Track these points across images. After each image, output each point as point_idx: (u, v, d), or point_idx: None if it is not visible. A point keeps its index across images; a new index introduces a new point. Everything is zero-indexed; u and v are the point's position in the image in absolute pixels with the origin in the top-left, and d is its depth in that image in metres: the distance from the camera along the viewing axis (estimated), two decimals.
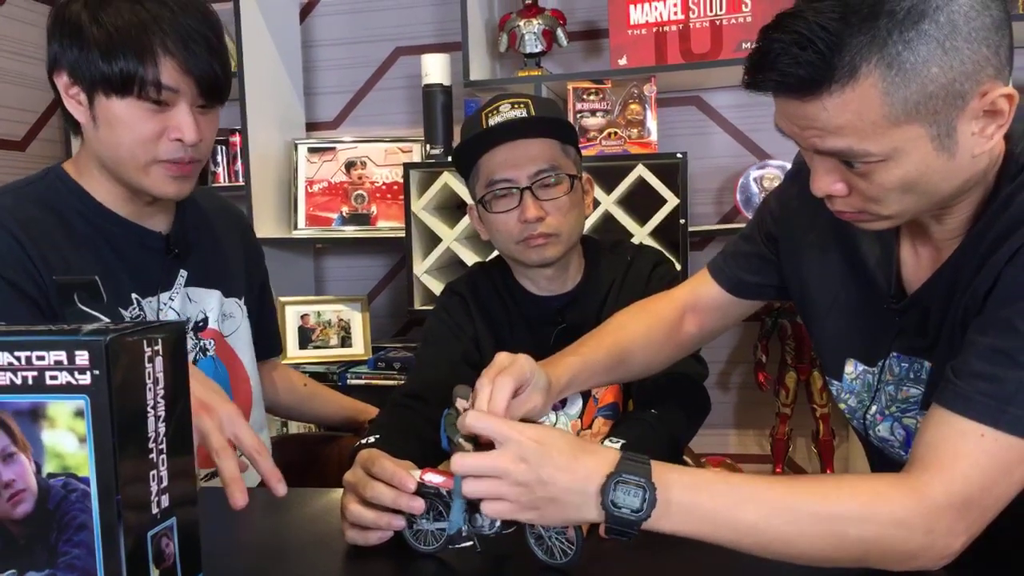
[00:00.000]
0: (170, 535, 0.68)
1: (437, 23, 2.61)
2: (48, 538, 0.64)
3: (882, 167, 0.77)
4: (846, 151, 0.77)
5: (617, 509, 0.74)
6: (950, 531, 0.75)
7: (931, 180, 0.79)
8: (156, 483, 0.67)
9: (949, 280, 0.89)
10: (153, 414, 0.66)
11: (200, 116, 1.14)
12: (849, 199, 0.83)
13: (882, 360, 0.98)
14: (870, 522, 0.74)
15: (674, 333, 1.16)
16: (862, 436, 1.06)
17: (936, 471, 0.75)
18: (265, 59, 2.49)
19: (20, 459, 0.63)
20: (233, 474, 0.84)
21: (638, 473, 0.75)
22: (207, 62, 1.10)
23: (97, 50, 1.07)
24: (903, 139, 0.75)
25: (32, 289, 1.10)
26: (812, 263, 1.05)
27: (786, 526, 0.75)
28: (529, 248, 1.27)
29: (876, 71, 0.73)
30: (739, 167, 2.36)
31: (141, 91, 1.08)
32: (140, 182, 1.14)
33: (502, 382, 0.87)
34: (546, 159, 1.26)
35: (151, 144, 1.11)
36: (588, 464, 0.77)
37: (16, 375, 0.62)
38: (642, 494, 0.74)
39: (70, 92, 1.12)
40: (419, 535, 0.87)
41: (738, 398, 2.51)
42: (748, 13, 2.12)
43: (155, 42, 1.07)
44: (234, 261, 1.38)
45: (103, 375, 0.61)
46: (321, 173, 2.58)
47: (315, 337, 2.50)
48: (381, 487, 0.87)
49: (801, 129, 0.79)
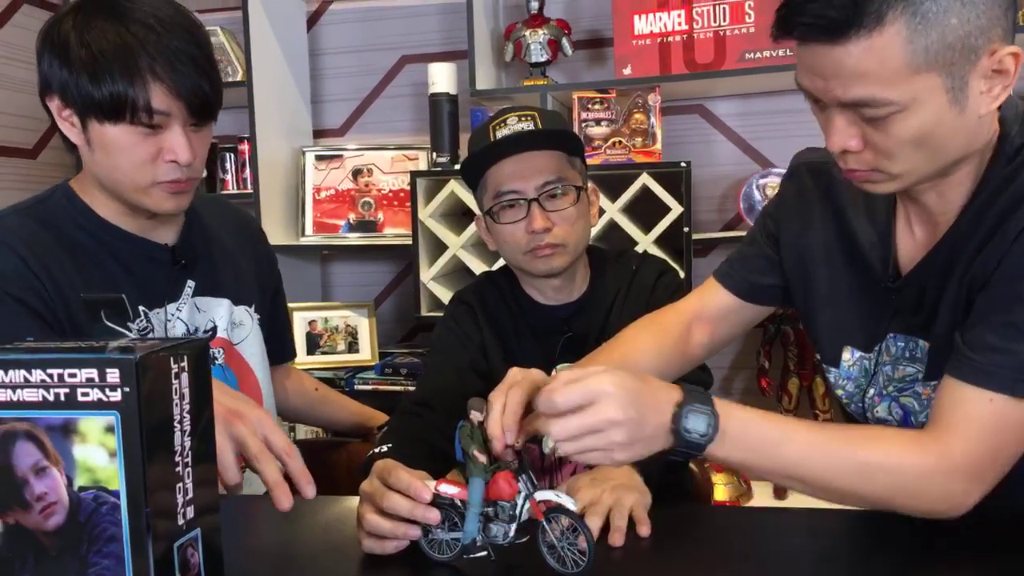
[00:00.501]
0: (195, 545, 0.71)
1: (443, 32, 2.64)
2: (79, 549, 0.66)
3: (900, 118, 0.82)
4: (868, 99, 0.82)
5: (688, 434, 0.82)
6: (966, 487, 0.84)
7: (942, 135, 0.84)
8: (182, 495, 0.69)
9: (946, 257, 0.93)
10: (179, 428, 0.69)
11: (193, 135, 1.14)
12: (862, 155, 0.88)
13: (879, 344, 1.02)
14: (896, 472, 0.85)
15: (683, 345, 1.18)
16: (860, 420, 1.09)
17: (955, 433, 0.85)
18: (273, 67, 2.52)
19: (52, 473, 0.66)
20: (276, 478, 0.87)
21: (704, 402, 0.83)
22: (195, 82, 1.10)
23: (85, 73, 1.07)
24: (922, 88, 0.81)
25: (39, 305, 1.12)
26: (811, 255, 1.09)
27: (823, 466, 0.86)
28: (536, 259, 1.30)
29: (901, 18, 0.78)
30: (742, 175, 2.39)
31: (133, 117, 1.08)
32: (140, 201, 1.16)
33: (514, 395, 0.89)
34: (553, 171, 1.28)
35: (147, 167, 1.12)
36: (663, 397, 0.84)
37: (49, 392, 0.65)
38: (707, 420, 0.82)
39: (63, 115, 1.13)
40: (434, 544, 0.89)
41: (741, 404, 2.52)
42: (751, 24, 2.14)
43: (143, 66, 1.07)
44: (244, 269, 1.39)
45: (133, 392, 0.64)
46: (328, 180, 2.61)
47: (322, 343, 2.52)
48: (397, 498, 0.89)
49: (825, 80, 0.84)
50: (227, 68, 2.57)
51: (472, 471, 0.85)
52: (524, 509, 0.84)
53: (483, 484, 0.84)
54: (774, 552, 0.91)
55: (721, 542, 0.83)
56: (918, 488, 0.85)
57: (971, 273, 0.90)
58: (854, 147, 0.87)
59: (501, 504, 0.84)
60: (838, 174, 1.06)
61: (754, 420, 0.86)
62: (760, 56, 2.13)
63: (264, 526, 1.13)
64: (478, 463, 0.85)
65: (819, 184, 1.09)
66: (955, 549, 0.87)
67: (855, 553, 0.89)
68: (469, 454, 0.85)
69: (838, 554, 0.90)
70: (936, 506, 0.86)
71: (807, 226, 1.09)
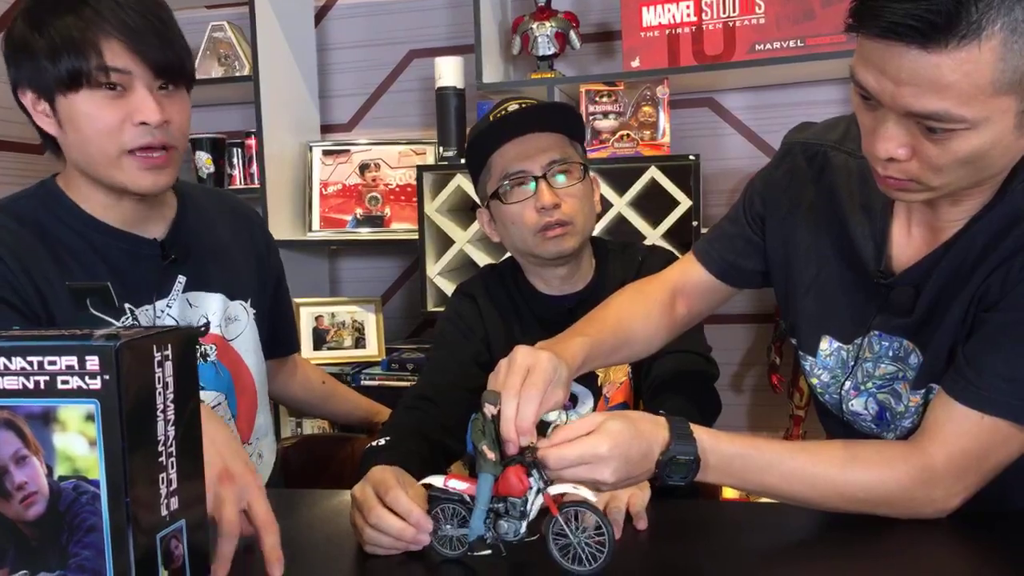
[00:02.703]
0: (179, 537, 0.69)
1: (450, 26, 2.62)
2: (59, 539, 0.65)
3: (963, 135, 0.77)
4: (941, 114, 0.75)
5: (670, 479, 0.86)
6: (949, 493, 0.87)
7: (995, 155, 0.80)
8: (165, 485, 0.68)
9: (954, 266, 0.91)
10: (163, 417, 0.67)
11: (164, 98, 1.12)
12: (906, 165, 0.82)
13: (860, 338, 1.00)
14: (879, 489, 0.87)
15: (668, 313, 1.18)
16: (834, 411, 1.08)
17: (940, 444, 0.87)
18: (280, 62, 2.51)
19: (32, 462, 0.65)
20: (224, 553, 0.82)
21: (686, 441, 0.86)
22: (155, 44, 1.10)
23: (43, 56, 1.08)
24: (996, 108, 0.75)
25: (18, 303, 1.11)
26: (798, 238, 1.06)
27: (806, 491, 0.89)
28: (547, 240, 1.28)
29: (1000, 34, 0.72)
30: (752, 169, 2.36)
31: (90, 79, 1.08)
32: (114, 178, 1.14)
33: (530, 396, 0.87)
34: (557, 150, 1.29)
35: (116, 133, 1.10)
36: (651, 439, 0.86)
37: (28, 379, 0.64)
38: (688, 466, 0.86)
39: (37, 108, 1.13)
40: (443, 540, 0.87)
41: (751, 400, 2.50)
42: (761, 15, 2.11)
43: (97, 33, 1.07)
44: (242, 262, 1.37)
45: (113, 380, 0.62)
46: (335, 175, 2.60)
47: (329, 338, 2.51)
48: (388, 517, 0.88)
49: (897, 84, 0.76)
50: (234, 63, 2.57)
51: (482, 467, 0.83)
52: (535, 506, 0.82)
53: (492, 480, 0.82)
54: (777, 546, 0.89)
55: (724, 536, 0.82)
56: (901, 501, 0.88)
57: (982, 289, 0.88)
58: (902, 156, 0.81)
59: (511, 500, 0.82)
60: (835, 158, 1.03)
61: (736, 452, 0.89)
62: (770, 47, 2.10)
63: None
64: (488, 459, 0.83)
65: (813, 166, 1.06)
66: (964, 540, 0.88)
67: (860, 545, 0.87)
68: (479, 449, 0.83)
69: (841, 549, 0.88)
70: (921, 512, 0.88)
71: (796, 208, 1.06)
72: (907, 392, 0.97)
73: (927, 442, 0.88)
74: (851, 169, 1.01)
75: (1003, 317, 0.85)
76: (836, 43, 1.99)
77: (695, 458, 0.85)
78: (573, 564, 0.80)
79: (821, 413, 1.15)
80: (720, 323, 2.43)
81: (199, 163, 2.60)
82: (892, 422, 1.00)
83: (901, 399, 0.98)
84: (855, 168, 1.01)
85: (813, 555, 0.89)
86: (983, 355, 0.86)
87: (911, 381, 0.96)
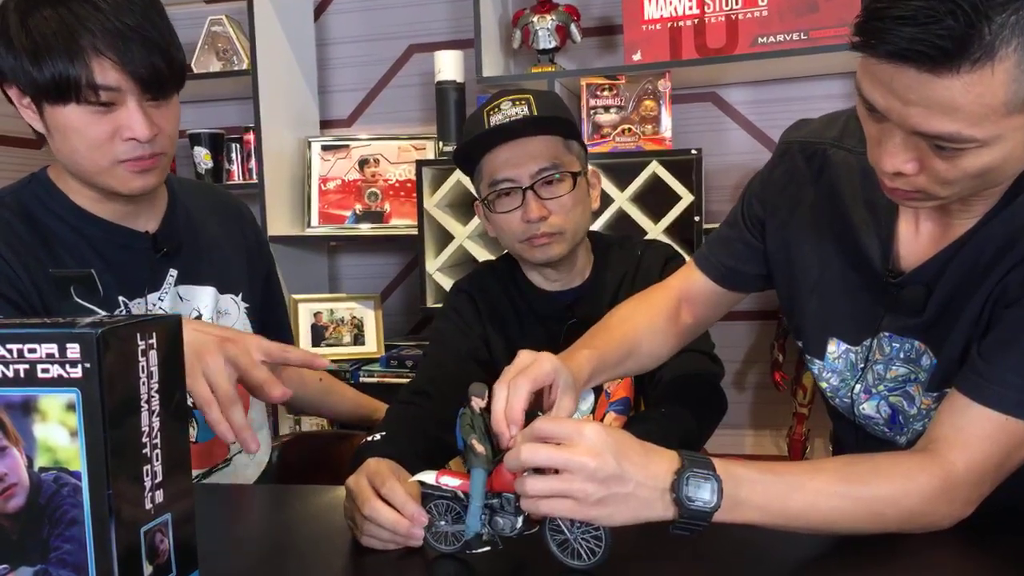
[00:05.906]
0: (164, 531, 0.68)
1: (450, 20, 2.60)
2: (40, 533, 0.63)
3: (974, 153, 0.74)
4: (953, 135, 0.73)
5: (691, 503, 0.76)
6: (967, 501, 0.83)
7: (1004, 169, 0.77)
8: (150, 478, 0.66)
9: (968, 264, 0.87)
10: (147, 408, 0.65)
11: (153, 110, 1.10)
12: (914, 178, 0.79)
13: (869, 339, 0.97)
14: (903, 502, 0.82)
15: (674, 322, 1.16)
16: (845, 414, 1.05)
17: (961, 450, 0.82)
18: (279, 57, 2.49)
19: (12, 452, 0.63)
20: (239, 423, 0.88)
21: (705, 466, 0.77)
22: (145, 58, 1.06)
23: (26, 57, 1.05)
24: (1008, 127, 0.72)
25: (14, 295, 1.09)
26: (800, 240, 1.03)
27: (830, 510, 0.81)
28: (533, 247, 1.27)
29: (1013, 56, 0.69)
30: (755, 164, 2.33)
31: (79, 96, 1.05)
32: (106, 183, 1.13)
33: (519, 384, 0.85)
34: (547, 157, 1.25)
35: (106, 147, 1.09)
36: (657, 460, 0.78)
37: (8, 368, 0.62)
38: (711, 486, 0.77)
39: (22, 103, 1.11)
40: (438, 536, 0.85)
41: (755, 398, 2.48)
42: (764, 7, 2.09)
43: (84, 44, 1.03)
44: (232, 256, 1.36)
45: (94, 368, 0.60)
46: (335, 171, 2.58)
47: (328, 335, 2.50)
48: (383, 509, 0.86)
49: (905, 104, 0.73)
50: (233, 57, 2.55)
51: (473, 462, 0.80)
52: None
53: (485, 475, 0.80)
54: (779, 538, 0.87)
55: (722, 529, 0.79)
56: (924, 512, 0.83)
57: (1000, 288, 0.85)
58: (910, 171, 0.78)
59: (506, 496, 0.80)
60: (835, 156, 1.00)
61: (758, 478, 0.80)
62: (773, 40, 2.08)
63: (252, 516, 1.11)
64: (479, 454, 0.80)
65: (812, 166, 1.02)
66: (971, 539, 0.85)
67: (864, 545, 0.85)
68: (468, 444, 0.81)
69: (845, 546, 0.86)
70: (939, 525, 0.84)
71: (796, 210, 1.03)
72: (920, 395, 0.94)
73: (946, 449, 0.83)
74: (852, 167, 0.98)
75: (1016, 312, 0.83)
76: (840, 36, 1.97)
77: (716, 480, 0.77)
78: (571, 559, 0.78)
79: (833, 417, 1.12)
80: (723, 320, 2.38)
81: (197, 158, 2.59)
82: (905, 425, 0.97)
83: (914, 401, 0.95)
84: (856, 165, 0.97)
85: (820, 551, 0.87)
86: (1002, 353, 0.82)
87: (924, 383, 0.93)
